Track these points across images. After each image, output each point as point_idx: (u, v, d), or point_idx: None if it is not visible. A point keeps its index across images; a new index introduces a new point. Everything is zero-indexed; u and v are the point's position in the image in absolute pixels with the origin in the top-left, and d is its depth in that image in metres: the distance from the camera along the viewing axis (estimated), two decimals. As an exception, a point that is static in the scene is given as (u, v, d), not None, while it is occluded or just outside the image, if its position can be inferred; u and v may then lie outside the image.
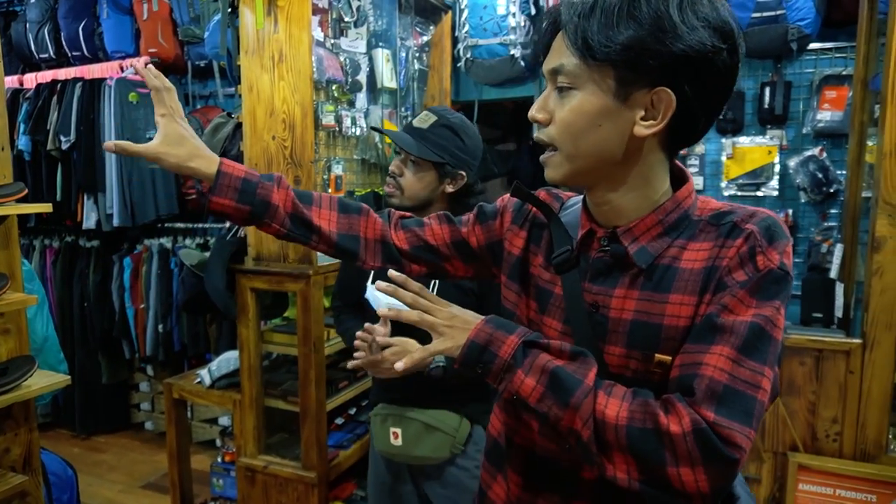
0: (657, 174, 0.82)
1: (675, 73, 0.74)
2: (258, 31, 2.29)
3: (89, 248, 3.58)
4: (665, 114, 0.76)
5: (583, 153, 0.79)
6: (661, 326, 0.78)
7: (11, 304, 1.41)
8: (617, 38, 0.73)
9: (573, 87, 0.78)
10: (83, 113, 3.32)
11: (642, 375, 0.79)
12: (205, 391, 2.60)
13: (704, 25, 0.73)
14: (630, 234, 0.82)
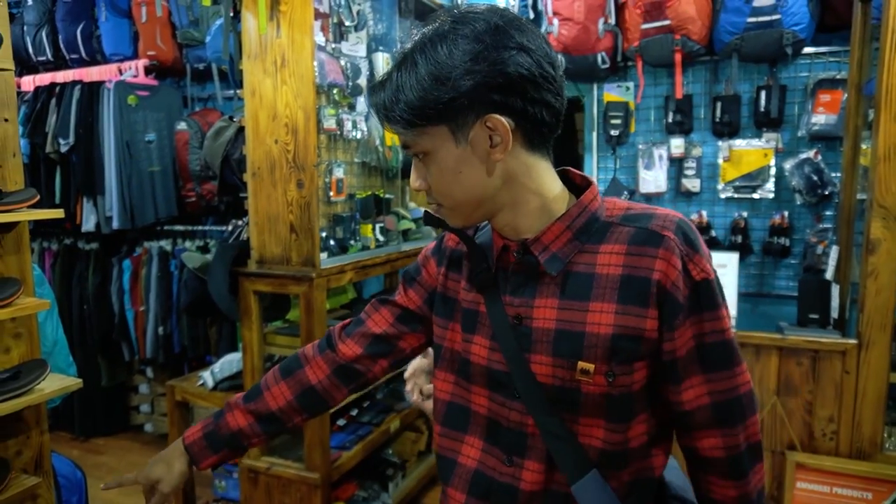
0: (543, 181, 0.84)
1: (484, 101, 0.77)
2: (261, 35, 2.32)
3: (88, 251, 3.58)
4: (506, 134, 0.78)
5: (462, 201, 0.83)
6: (583, 334, 0.81)
7: (24, 309, 1.43)
8: (415, 104, 0.77)
9: (424, 153, 0.82)
10: (82, 116, 3.33)
11: (568, 384, 0.82)
12: (207, 393, 2.62)
13: (490, 48, 0.76)
14: (540, 244, 0.84)
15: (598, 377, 0.80)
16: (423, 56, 0.77)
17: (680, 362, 0.81)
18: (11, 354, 1.52)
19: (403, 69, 0.79)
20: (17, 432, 1.54)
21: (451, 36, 0.77)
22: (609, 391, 0.81)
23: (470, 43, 0.76)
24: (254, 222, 2.43)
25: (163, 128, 3.48)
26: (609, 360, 0.80)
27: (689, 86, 2.98)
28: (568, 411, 0.83)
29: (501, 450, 0.88)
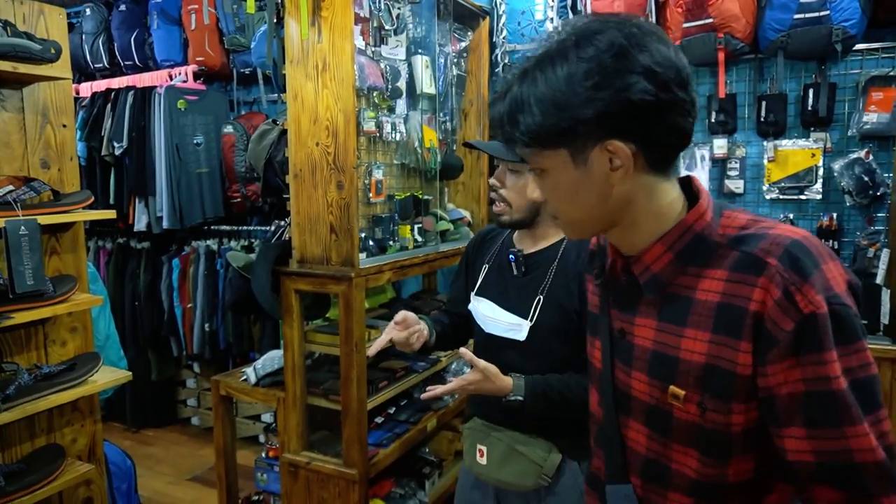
0: (660, 201, 0.81)
1: (606, 127, 0.74)
2: (303, 41, 2.37)
3: (140, 250, 3.73)
4: (627, 160, 0.76)
5: (578, 219, 0.83)
6: (677, 359, 0.79)
7: (79, 304, 1.51)
8: (533, 128, 0.76)
9: (541, 169, 0.82)
10: (135, 120, 3.47)
11: (662, 405, 0.81)
12: (250, 388, 2.69)
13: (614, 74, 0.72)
14: (641, 264, 0.82)
15: (690, 405, 0.78)
16: (543, 76, 0.75)
17: (778, 404, 0.73)
18: (67, 347, 1.60)
19: (524, 85, 0.77)
20: (72, 421, 1.62)
21: (573, 56, 0.73)
22: (701, 423, 0.78)
23: (591, 66, 0.72)
24: (295, 223, 2.49)
25: (210, 131, 3.59)
26: (702, 390, 0.77)
27: (732, 85, 2.91)
28: (662, 433, 0.82)
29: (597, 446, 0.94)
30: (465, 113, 3.36)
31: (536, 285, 1.45)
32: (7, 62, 1.32)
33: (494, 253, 1.57)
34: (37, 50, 1.37)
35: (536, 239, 1.49)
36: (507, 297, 1.48)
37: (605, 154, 0.76)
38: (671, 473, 0.82)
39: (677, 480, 0.82)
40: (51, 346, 1.56)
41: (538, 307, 1.42)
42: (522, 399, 1.36)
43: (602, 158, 0.76)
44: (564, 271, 1.43)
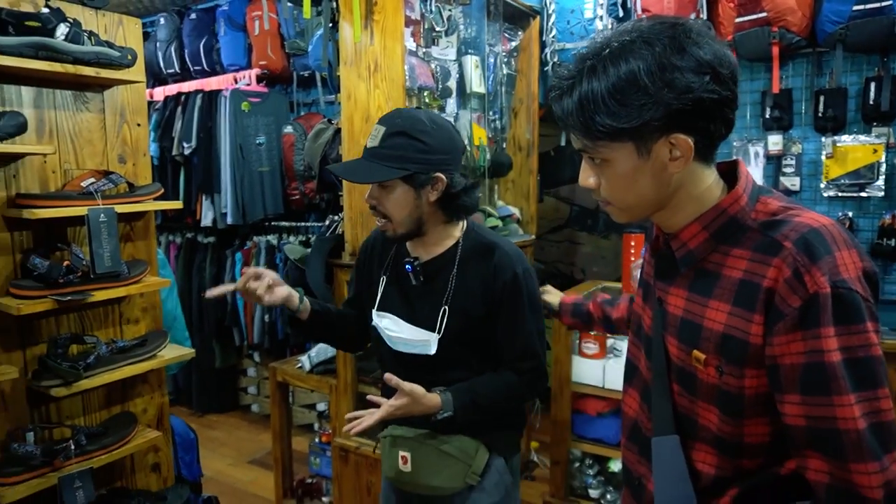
0: (705, 187, 0.89)
1: (675, 122, 0.80)
2: (356, 43, 2.50)
3: (206, 244, 3.97)
4: (686, 153, 0.82)
5: (633, 204, 0.90)
6: (701, 327, 0.87)
7: (150, 286, 1.67)
8: (609, 125, 0.80)
9: (603, 160, 0.86)
10: (202, 121, 3.70)
11: (688, 368, 0.90)
12: (304, 375, 2.84)
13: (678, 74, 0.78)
14: (678, 240, 0.91)
15: (710, 369, 0.86)
16: (609, 73, 0.79)
17: (781, 372, 0.80)
18: (139, 325, 1.77)
19: (592, 80, 0.81)
20: (143, 393, 1.79)
21: (640, 54, 0.78)
22: (719, 384, 0.86)
23: (659, 65, 0.78)
24: (347, 217, 2.62)
25: (272, 131, 3.79)
26: (719, 355, 0.85)
27: (787, 79, 2.86)
28: (690, 392, 0.91)
29: (649, 408, 0.99)
30: (515, 111, 3.42)
31: (439, 295, 1.39)
32: (91, 68, 1.49)
33: (389, 262, 1.49)
34: (116, 57, 1.54)
35: (429, 246, 1.43)
36: (411, 310, 1.42)
37: (668, 146, 0.82)
38: (698, 427, 0.90)
39: (703, 434, 0.90)
40: (125, 324, 1.73)
41: (444, 318, 1.38)
42: (453, 414, 1.32)
43: (664, 150, 0.83)
44: (465, 277, 1.39)
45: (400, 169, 1.29)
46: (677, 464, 0.91)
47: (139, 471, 1.81)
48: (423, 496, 1.48)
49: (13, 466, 1.44)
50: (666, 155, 0.83)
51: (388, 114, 1.39)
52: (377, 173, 1.31)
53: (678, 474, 0.91)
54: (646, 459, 0.99)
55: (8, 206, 1.47)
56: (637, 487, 1.02)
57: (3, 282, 1.47)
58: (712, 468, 0.89)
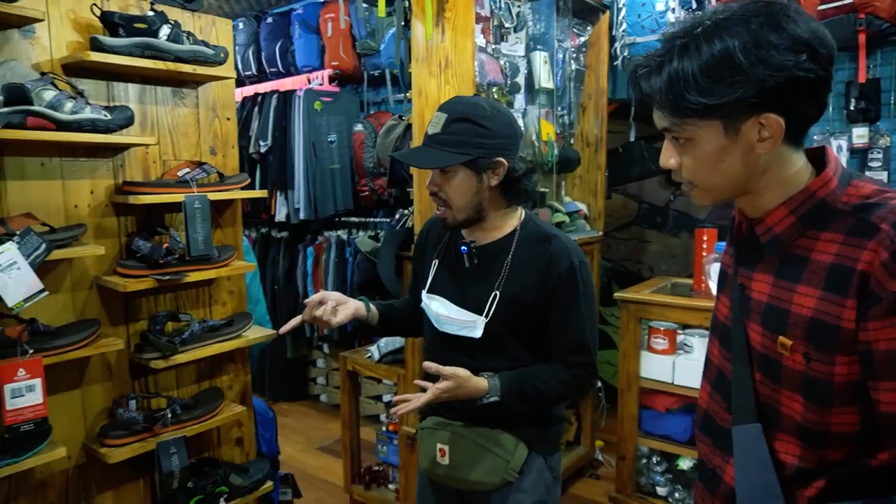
0: (792, 171, 0.87)
1: (767, 101, 0.79)
2: (427, 41, 2.58)
3: (280, 238, 4.16)
4: (776, 133, 0.81)
5: (717, 185, 0.88)
6: (788, 312, 0.85)
7: (236, 269, 1.79)
8: (699, 101, 0.80)
9: (687, 138, 0.86)
10: (278, 121, 3.89)
11: (772, 354, 0.87)
12: (373, 365, 2.94)
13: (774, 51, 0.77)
14: (763, 225, 0.89)
15: (797, 355, 0.83)
16: (701, 51, 0.79)
17: (876, 358, 0.78)
18: (226, 307, 1.90)
19: (683, 58, 0.80)
20: (229, 370, 1.92)
21: (734, 31, 0.78)
22: (806, 371, 0.83)
23: (754, 40, 0.77)
24: (417, 210, 2.70)
25: (343, 129, 3.94)
26: (807, 341, 0.83)
27: (875, 69, 2.75)
28: (772, 379, 0.88)
29: (723, 398, 0.98)
30: (584, 107, 3.42)
31: (492, 280, 1.39)
32: (189, 65, 1.63)
33: (443, 246, 1.50)
34: (210, 54, 1.67)
35: (486, 231, 1.43)
36: (461, 293, 1.42)
37: (757, 125, 0.81)
38: (781, 416, 0.88)
39: (786, 423, 0.88)
40: (213, 305, 1.86)
41: (494, 302, 1.37)
42: (499, 399, 1.31)
43: (753, 129, 0.81)
44: (519, 263, 1.39)
45: (462, 154, 1.31)
46: (760, 453, 0.89)
47: (224, 443, 1.94)
48: (461, 490, 1.47)
49: (118, 430, 1.58)
50: (755, 135, 0.81)
51: (448, 101, 1.41)
52: (440, 159, 1.32)
53: (761, 464, 0.89)
54: (720, 450, 0.98)
55: (115, 193, 1.62)
56: (711, 479, 1.00)
57: (111, 262, 1.62)
58: (795, 459, 0.87)
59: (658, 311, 2.41)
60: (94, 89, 1.57)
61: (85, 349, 1.48)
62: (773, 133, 0.81)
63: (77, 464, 1.61)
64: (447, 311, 1.41)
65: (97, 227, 1.60)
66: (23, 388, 1.36)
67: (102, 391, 1.64)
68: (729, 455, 0.95)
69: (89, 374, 1.61)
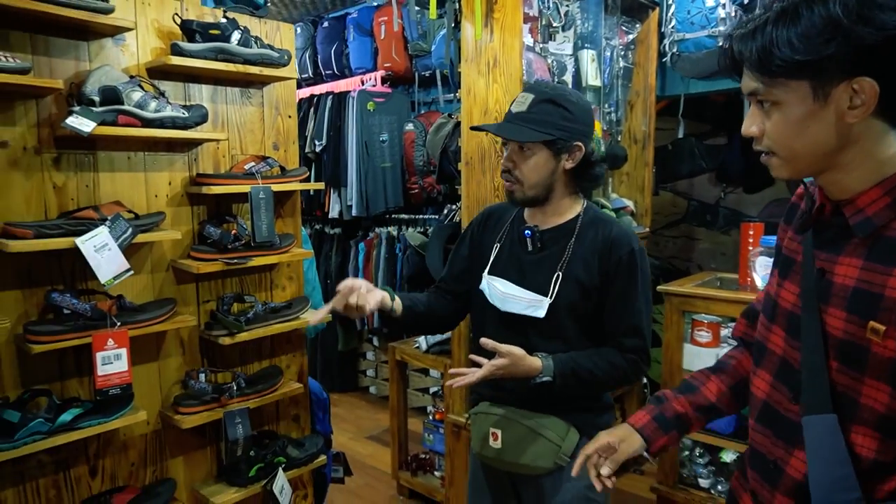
0: (882, 146, 0.83)
1: (862, 63, 0.76)
2: (476, 41, 2.70)
3: (333, 234, 4.35)
4: (870, 100, 0.78)
5: (800, 154, 0.85)
6: (881, 297, 0.81)
7: (296, 256, 1.96)
8: (789, 57, 0.78)
9: (774, 102, 0.84)
10: (332, 121, 4.08)
11: (859, 340, 0.84)
12: (421, 354, 3.08)
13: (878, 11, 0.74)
14: (853, 207, 0.85)
15: (890, 341, 0.80)
16: (806, 9, 0.77)
17: None
18: (286, 291, 2.07)
19: (781, 23, 0.79)
20: (286, 350, 2.09)
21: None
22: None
23: (859, 2, 0.75)
24: (465, 205, 2.82)
25: (394, 129, 4.10)
26: None
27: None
28: (854, 368, 0.84)
29: (789, 388, 0.95)
30: (632, 104, 3.47)
31: (554, 262, 1.43)
32: (257, 67, 1.80)
33: (505, 231, 1.55)
34: (276, 57, 1.83)
35: (549, 215, 1.49)
36: (522, 275, 1.46)
37: (849, 91, 0.78)
38: (859, 407, 0.84)
39: (864, 414, 0.84)
40: (274, 289, 2.03)
41: (557, 283, 1.41)
42: (552, 380, 1.34)
43: (844, 95, 0.78)
44: (583, 248, 1.43)
45: (545, 133, 1.37)
46: (836, 445, 0.85)
47: (283, 419, 2.10)
48: (512, 474, 1.50)
49: (190, 400, 1.76)
50: (846, 101, 0.78)
51: (533, 83, 1.49)
52: (525, 134, 1.38)
53: (837, 456, 0.85)
54: (783, 442, 0.95)
55: (190, 184, 1.80)
56: (773, 471, 0.96)
57: (185, 247, 1.81)
58: (872, 452, 0.84)
59: (702, 304, 2.45)
60: (173, 90, 1.76)
61: (163, 324, 1.66)
62: (865, 100, 0.78)
63: (154, 429, 1.80)
64: (511, 290, 1.45)
65: (174, 215, 1.79)
66: (111, 357, 1.55)
67: (175, 364, 1.83)
68: (792, 447, 0.93)
69: (165, 349, 1.80)
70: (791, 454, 0.93)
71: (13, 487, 1.55)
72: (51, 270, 1.58)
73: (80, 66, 1.59)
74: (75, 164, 1.60)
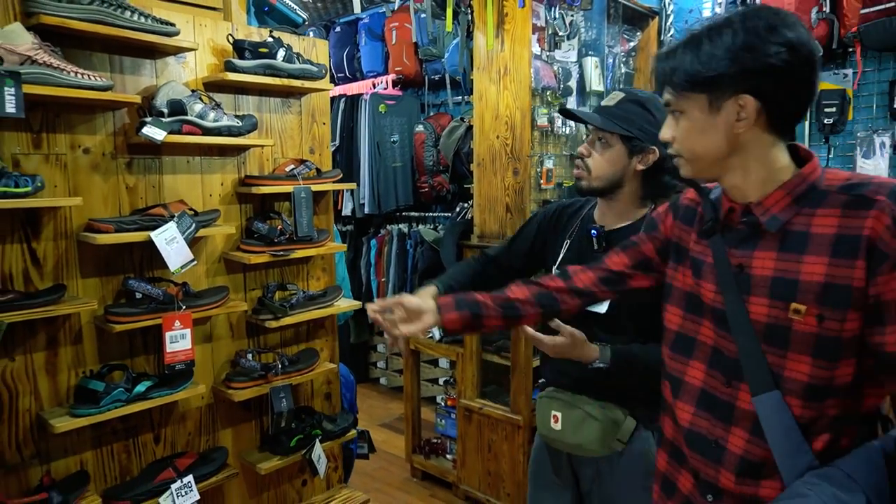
0: (772, 156, 1.01)
1: (747, 84, 0.95)
2: (488, 50, 2.96)
3: (345, 231, 4.61)
4: (752, 114, 0.97)
5: (699, 156, 1.05)
6: (797, 282, 0.97)
7: (331, 249, 2.22)
8: (690, 74, 0.99)
9: (680, 112, 1.04)
10: (345, 122, 4.34)
11: (782, 322, 0.99)
12: (434, 344, 3.34)
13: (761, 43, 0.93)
14: (761, 207, 1.02)
15: (809, 318, 0.95)
16: (707, 38, 0.97)
17: (885, 307, 0.92)
18: (319, 282, 2.33)
19: (688, 48, 0.99)
20: (320, 335, 2.35)
21: (736, 26, 0.96)
22: (818, 332, 0.95)
23: (749, 35, 0.94)
24: (477, 204, 3.08)
25: (404, 130, 4.36)
26: (820, 304, 0.95)
27: (914, 70, 2.97)
28: (778, 346, 0.99)
29: (722, 374, 1.08)
30: (633, 108, 3.73)
31: None
32: (298, 80, 2.06)
33: (575, 229, 1.63)
34: (315, 71, 2.10)
35: (618, 215, 1.56)
36: None
37: (736, 106, 0.97)
38: (785, 380, 0.99)
39: (789, 385, 0.99)
40: (310, 279, 2.30)
41: None
42: (607, 367, 1.44)
43: (733, 109, 0.97)
44: None
45: (624, 128, 1.47)
46: (785, 416, 0.99)
47: (316, 396, 2.37)
48: (571, 455, 1.61)
49: (241, 376, 2.02)
50: (734, 114, 0.97)
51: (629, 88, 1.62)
52: (607, 123, 1.48)
53: (788, 425, 0.99)
54: (721, 422, 1.07)
55: (240, 185, 2.06)
56: (715, 449, 1.08)
57: (235, 241, 2.07)
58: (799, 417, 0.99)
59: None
60: (225, 101, 2.02)
61: (220, 308, 1.93)
62: (749, 115, 0.97)
63: (207, 403, 2.06)
64: None
65: (225, 212, 2.05)
66: (177, 336, 1.81)
67: (225, 345, 2.09)
68: (730, 426, 1.06)
69: (217, 331, 2.06)
70: (730, 432, 1.06)
71: (93, 450, 1.81)
72: (123, 260, 1.84)
73: (149, 81, 1.85)
74: (144, 168, 1.87)
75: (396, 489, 3.36)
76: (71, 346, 1.75)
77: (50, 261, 1.70)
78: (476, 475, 3.14)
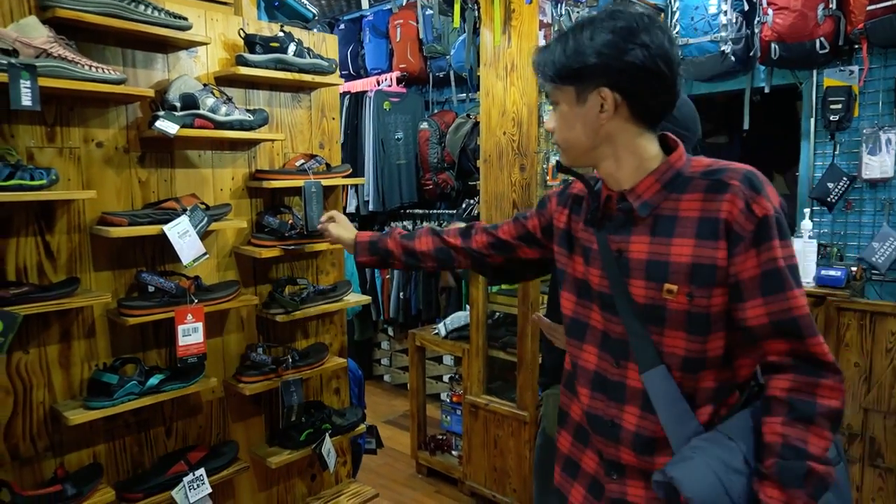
0: (640, 146, 1.10)
1: (607, 78, 1.04)
2: (495, 47, 2.97)
3: (349, 229, 4.62)
4: (611, 106, 1.06)
5: (571, 144, 1.13)
6: (668, 263, 1.06)
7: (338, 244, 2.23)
8: (556, 66, 1.08)
9: (556, 103, 1.14)
10: (350, 119, 4.35)
11: (658, 301, 1.07)
12: (440, 340, 3.36)
13: (622, 42, 1.02)
14: (634, 194, 1.10)
15: (681, 297, 1.04)
16: (573, 35, 1.06)
17: (743, 284, 1.02)
18: (329, 276, 2.34)
19: (560, 41, 1.08)
20: (330, 330, 2.36)
21: (599, 25, 1.04)
22: (689, 309, 1.04)
23: (609, 34, 1.03)
24: (483, 200, 3.09)
25: (409, 127, 4.37)
26: (689, 283, 1.03)
27: (920, 66, 2.98)
28: (656, 324, 1.08)
29: (611, 355, 1.16)
30: (638, 104, 3.74)
31: None
32: (309, 75, 2.07)
33: None
34: (325, 66, 2.11)
35: None
36: None
37: (598, 98, 1.05)
38: (664, 355, 1.08)
39: (668, 360, 1.08)
40: (320, 274, 2.31)
41: None
42: None
43: (595, 101, 1.06)
44: None
45: None
46: (670, 388, 1.07)
47: (326, 391, 2.38)
48: None
49: (252, 370, 2.04)
50: (597, 106, 1.06)
51: None
52: None
53: (674, 395, 1.07)
54: (615, 402, 1.14)
55: (250, 179, 2.07)
56: (612, 428, 1.15)
57: (245, 235, 2.08)
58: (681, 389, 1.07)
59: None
60: (236, 95, 2.03)
61: (231, 302, 1.94)
62: (608, 107, 1.06)
63: (218, 396, 2.07)
64: None
65: (236, 207, 2.06)
66: (189, 329, 1.82)
67: (236, 340, 2.10)
68: (623, 404, 1.13)
69: (228, 325, 2.07)
70: (623, 411, 1.13)
71: (105, 443, 1.83)
72: (135, 254, 1.85)
73: (161, 75, 1.87)
74: (156, 162, 1.88)
75: (402, 485, 3.38)
76: (84, 339, 1.76)
77: (64, 254, 1.71)
78: (482, 471, 3.15)
